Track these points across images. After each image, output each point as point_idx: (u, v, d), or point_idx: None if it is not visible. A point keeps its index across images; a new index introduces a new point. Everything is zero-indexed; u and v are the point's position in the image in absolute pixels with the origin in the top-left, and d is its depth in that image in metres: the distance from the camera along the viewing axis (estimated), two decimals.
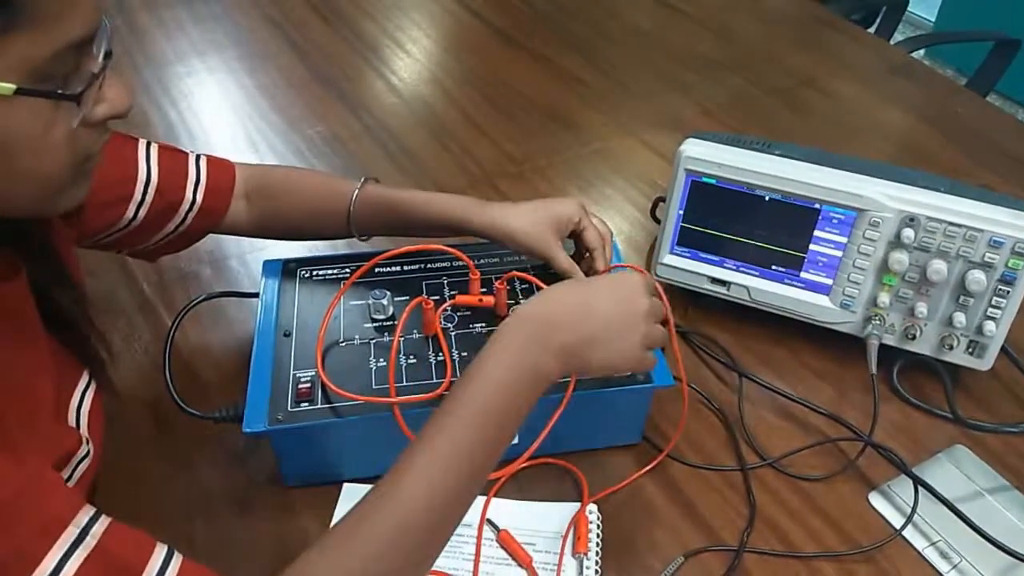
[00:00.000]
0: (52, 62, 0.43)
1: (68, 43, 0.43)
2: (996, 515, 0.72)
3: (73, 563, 0.44)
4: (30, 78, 0.42)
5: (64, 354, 0.61)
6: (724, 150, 0.84)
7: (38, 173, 0.47)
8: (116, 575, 0.46)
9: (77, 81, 0.46)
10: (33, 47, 0.42)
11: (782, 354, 0.88)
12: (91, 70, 0.46)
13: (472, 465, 0.54)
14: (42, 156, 0.46)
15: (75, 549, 0.45)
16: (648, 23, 1.55)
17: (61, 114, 0.46)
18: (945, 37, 2.08)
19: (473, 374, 0.56)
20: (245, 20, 1.50)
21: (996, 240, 0.75)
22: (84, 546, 0.45)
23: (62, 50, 0.43)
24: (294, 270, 0.82)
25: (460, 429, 0.54)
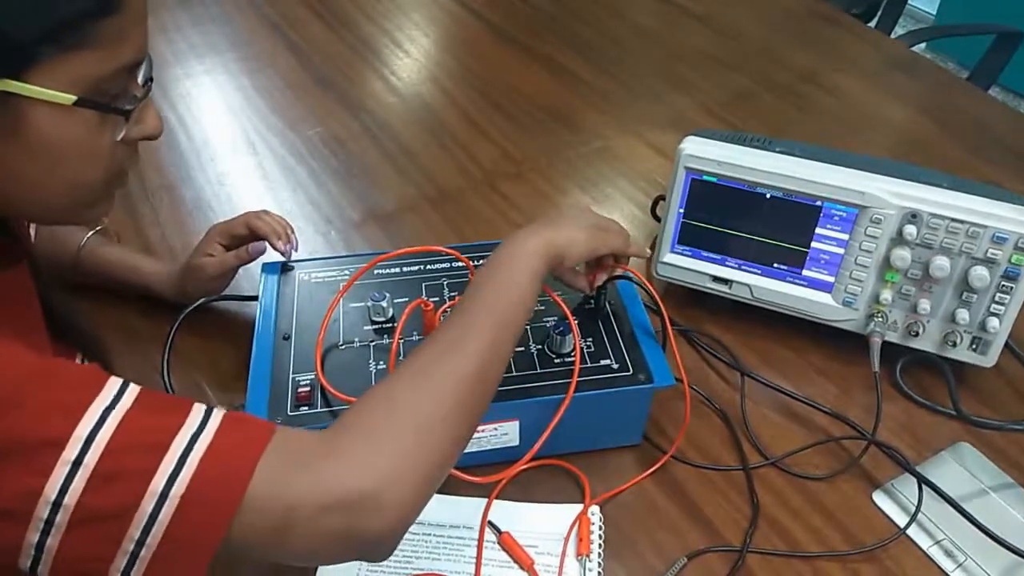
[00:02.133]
0: (108, 81, 0.49)
1: (122, 65, 0.49)
2: (1001, 513, 0.72)
3: (119, 409, 0.45)
4: (88, 93, 0.48)
5: (61, 351, 0.62)
6: (724, 148, 0.84)
7: (78, 181, 0.52)
8: (168, 408, 0.47)
9: (124, 101, 0.52)
10: (94, 66, 0.48)
11: (784, 352, 0.87)
12: (135, 93, 0.52)
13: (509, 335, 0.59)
14: (85, 165, 0.51)
15: (119, 398, 0.45)
16: (649, 21, 1.55)
17: (106, 128, 0.51)
18: (946, 30, 2.07)
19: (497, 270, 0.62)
20: (244, 22, 1.50)
21: (999, 236, 0.75)
22: (130, 391, 0.46)
23: (117, 71, 0.49)
24: (293, 272, 0.82)
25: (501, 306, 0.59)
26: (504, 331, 0.58)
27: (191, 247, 0.87)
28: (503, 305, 0.59)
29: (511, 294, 0.60)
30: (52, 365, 0.46)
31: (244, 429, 0.48)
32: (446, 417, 0.52)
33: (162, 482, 0.43)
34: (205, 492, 0.44)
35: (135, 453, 0.44)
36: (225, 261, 0.84)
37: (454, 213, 1.07)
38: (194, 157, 1.15)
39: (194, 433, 0.45)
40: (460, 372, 0.54)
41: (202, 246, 0.85)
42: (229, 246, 0.85)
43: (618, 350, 0.74)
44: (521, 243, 0.64)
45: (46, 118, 0.47)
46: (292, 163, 1.15)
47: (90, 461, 0.43)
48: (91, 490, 0.42)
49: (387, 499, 0.47)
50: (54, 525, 0.42)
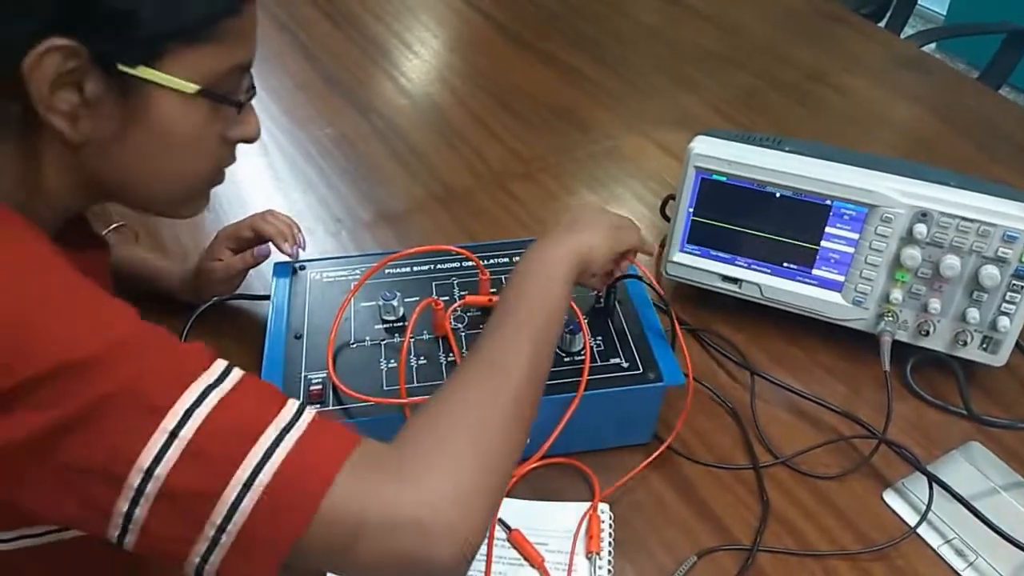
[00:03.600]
0: (223, 76, 0.52)
1: (237, 64, 0.53)
2: (1012, 512, 0.72)
3: (221, 390, 0.46)
4: (208, 86, 0.51)
5: None
6: (734, 147, 0.84)
7: (188, 171, 0.56)
8: (265, 397, 0.48)
9: (236, 98, 0.55)
10: (215, 61, 0.51)
11: (794, 352, 0.87)
12: (243, 94, 0.56)
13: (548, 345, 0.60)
14: (197, 156, 0.55)
15: (223, 380, 0.46)
16: (657, 20, 1.55)
17: (217, 122, 0.55)
18: (956, 30, 2.07)
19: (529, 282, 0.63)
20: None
21: (1010, 234, 0.75)
22: (233, 375, 0.47)
23: (232, 68, 0.53)
24: (305, 272, 0.82)
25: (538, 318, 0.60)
26: (543, 337, 0.59)
27: (203, 246, 0.87)
28: (539, 318, 0.60)
29: (546, 306, 0.61)
30: (164, 332, 0.47)
31: (331, 433, 0.48)
32: (500, 433, 0.53)
33: (247, 472, 0.44)
34: (287, 488, 0.45)
35: (226, 437, 0.45)
36: (232, 265, 0.85)
37: (463, 213, 1.07)
38: None
39: (285, 427, 0.46)
40: (508, 386, 0.55)
41: (210, 250, 0.86)
42: (237, 249, 0.86)
43: (628, 349, 0.74)
44: (548, 253, 0.64)
45: (170, 105, 0.51)
46: (302, 163, 1.16)
47: (186, 435, 0.43)
48: (182, 465, 0.43)
49: (457, 525, 0.48)
50: (143, 495, 0.43)
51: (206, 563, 0.45)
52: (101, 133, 0.50)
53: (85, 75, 0.47)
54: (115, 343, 0.44)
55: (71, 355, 0.42)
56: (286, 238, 0.83)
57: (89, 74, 0.47)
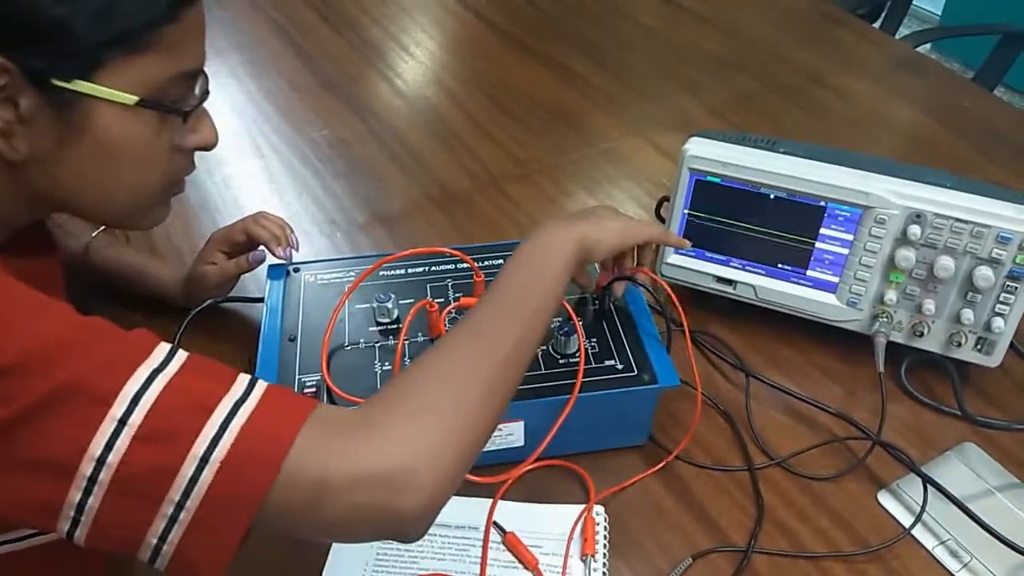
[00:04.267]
0: (167, 85, 0.52)
1: (181, 71, 0.52)
2: (1006, 513, 0.72)
3: (167, 373, 0.45)
4: (149, 95, 0.51)
5: None
6: (728, 148, 0.84)
7: (138, 184, 0.55)
8: (214, 375, 0.47)
9: (183, 106, 0.55)
10: (156, 70, 0.51)
11: (789, 353, 0.87)
12: (192, 102, 0.56)
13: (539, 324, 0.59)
14: (144, 167, 0.54)
15: (168, 363, 0.46)
16: (654, 22, 1.55)
17: (165, 132, 0.54)
18: (951, 31, 2.07)
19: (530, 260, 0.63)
20: (250, 26, 1.50)
21: (1004, 236, 0.75)
22: (178, 356, 0.47)
23: (176, 76, 0.52)
24: (299, 274, 0.82)
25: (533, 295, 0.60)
26: (535, 318, 0.59)
27: (197, 249, 0.87)
28: (535, 292, 0.60)
29: (544, 282, 0.61)
30: (104, 324, 0.47)
31: (286, 400, 0.48)
32: (480, 398, 0.52)
33: (204, 446, 0.44)
34: (245, 458, 0.44)
35: (179, 415, 0.44)
36: (226, 270, 0.84)
37: (459, 215, 1.07)
38: (200, 160, 1.14)
39: (238, 400, 0.46)
40: (494, 355, 0.55)
41: (203, 254, 0.86)
42: (230, 253, 0.85)
43: (623, 351, 0.74)
44: (554, 233, 0.64)
45: (111, 117, 0.50)
46: (298, 165, 1.15)
47: (135, 420, 0.43)
48: (135, 449, 0.43)
49: (422, 475, 0.47)
50: (96, 483, 0.43)
51: (164, 543, 0.44)
52: (41, 149, 0.50)
53: (18, 91, 0.47)
54: (53, 342, 0.44)
55: (6, 359, 0.42)
56: (279, 241, 0.83)
57: (23, 90, 0.47)
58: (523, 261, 0.62)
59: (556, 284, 0.62)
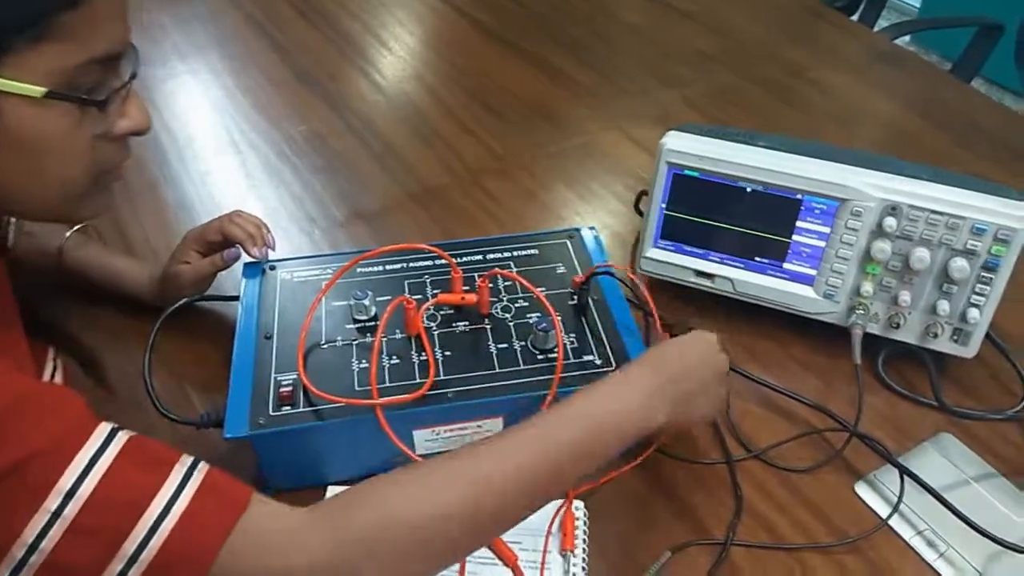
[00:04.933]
0: (78, 73, 0.49)
1: (92, 58, 0.50)
2: (983, 503, 0.72)
3: (105, 459, 0.45)
4: (59, 85, 0.48)
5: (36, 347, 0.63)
6: (706, 142, 0.84)
7: (61, 176, 0.53)
8: (151, 464, 0.47)
9: (101, 93, 0.52)
10: (61, 58, 0.48)
11: (768, 346, 0.87)
12: (114, 86, 0.53)
13: (544, 485, 0.56)
14: (66, 160, 0.52)
15: (107, 446, 0.46)
16: (635, 17, 1.54)
17: (86, 122, 0.52)
18: (927, 23, 2.08)
19: (594, 397, 0.60)
20: (227, 21, 1.49)
21: (978, 227, 0.75)
22: (117, 440, 0.47)
23: (86, 64, 0.49)
24: (275, 272, 0.82)
25: (559, 441, 0.57)
26: (548, 489, 0.57)
27: (174, 248, 0.86)
28: (567, 465, 0.57)
29: (584, 460, 0.58)
30: (44, 394, 0.46)
31: (220, 496, 0.48)
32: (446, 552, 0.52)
33: (133, 546, 0.44)
34: (174, 559, 0.45)
35: (113, 512, 0.44)
36: (201, 269, 0.83)
37: (439, 210, 1.07)
38: (176, 157, 1.15)
39: (172, 495, 0.46)
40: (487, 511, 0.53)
41: (178, 253, 0.84)
42: (205, 252, 0.84)
43: (601, 346, 0.74)
44: (642, 414, 0.60)
45: (22, 112, 0.48)
46: (276, 161, 1.15)
47: (69, 514, 0.43)
48: (66, 542, 0.43)
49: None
50: (27, 565, 0.43)
51: None
52: None
53: None
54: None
55: None
56: (254, 241, 0.82)
57: None
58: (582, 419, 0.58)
59: (600, 461, 0.59)
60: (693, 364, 0.65)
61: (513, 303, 0.78)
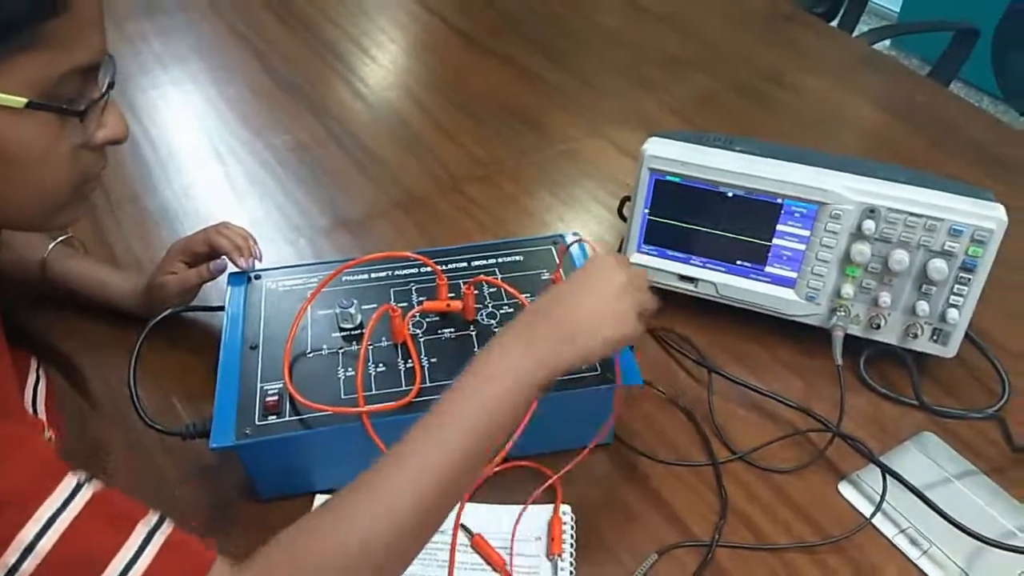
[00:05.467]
0: (59, 83, 0.49)
1: (74, 67, 0.49)
2: (964, 501, 0.73)
3: (68, 514, 0.45)
4: (39, 96, 0.48)
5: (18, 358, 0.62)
6: (687, 148, 0.85)
7: (41, 186, 0.53)
8: (115, 521, 0.47)
9: (81, 103, 0.52)
10: (43, 68, 0.48)
11: (751, 348, 0.88)
12: (93, 95, 0.53)
13: (458, 476, 0.55)
14: (46, 170, 0.52)
15: (71, 500, 0.45)
16: (614, 23, 1.56)
17: (66, 132, 0.52)
18: (905, 28, 2.11)
19: (464, 387, 0.58)
20: (210, 31, 1.49)
21: (956, 228, 0.76)
22: (82, 494, 0.46)
23: (68, 73, 0.49)
24: (260, 281, 0.82)
25: (452, 439, 0.55)
26: (468, 468, 0.56)
27: (157, 259, 0.86)
28: (475, 441, 0.55)
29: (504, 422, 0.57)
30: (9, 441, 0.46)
31: (182, 560, 0.48)
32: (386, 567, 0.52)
33: None
34: None
35: (71, 570, 0.44)
36: (187, 279, 0.83)
37: (423, 217, 1.07)
38: (159, 168, 1.14)
39: (133, 556, 0.46)
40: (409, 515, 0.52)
41: (164, 264, 0.84)
42: (191, 263, 0.84)
43: None
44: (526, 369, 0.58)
45: (2, 122, 0.48)
46: (259, 172, 1.15)
47: (27, 569, 0.43)
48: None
49: None
50: None
51: None
52: None
53: None
54: None
55: None
56: (241, 252, 0.82)
57: None
58: (475, 390, 0.57)
59: (508, 427, 0.57)
60: (581, 294, 0.62)
61: (499, 309, 0.78)
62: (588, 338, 0.60)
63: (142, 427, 0.71)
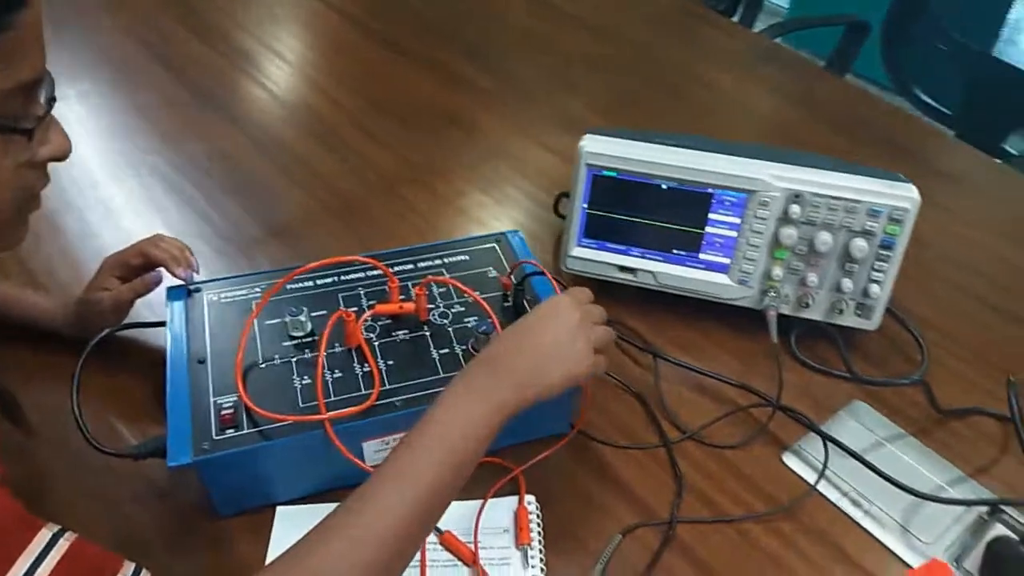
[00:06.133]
0: (5, 100, 0.48)
1: (19, 84, 0.48)
2: (898, 462, 0.79)
3: (45, 567, 0.44)
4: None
5: None
6: (621, 143, 0.87)
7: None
8: (93, 573, 0.46)
9: (25, 121, 0.50)
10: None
11: (691, 333, 0.92)
12: (36, 113, 0.51)
13: (432, 505, 0.56)
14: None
15: (50, 550, 0.44)
16: (530, 23, 1.58)
17: (10, 150, 0.50)
18: (804, 23, 2.22)
19: (437, 417, 0.58)
20: (113, 41, 1.43)
21: (874, 210, 0.82)
22: (58, 548, 0.45)
23: (12, 90, 0.48)
24: (200, 295, 0.80)
25: (425, 470, 0.56)
26: (434, 499, 0.56)
27: (82, 278, 0.83)
28: (440, 471, 0.56)
29: (454, 459, 0.57)
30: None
31: None
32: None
33: None
34: None
35: None
36: (120, 295, 0.80)
37: (357, 222, 1.06)
38: (72, 184, 1.09)
39: None
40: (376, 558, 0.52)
41: (95, 281, 0.81)
42: (125, 278, 0.81)
43: None
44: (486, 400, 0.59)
45: None
46: (180, 182, 1.11)
47: None
48: None
49: None
50: None
51: None
52: None
53: None
54: None
55: None
56: (179, 262, 0.80)
57: None
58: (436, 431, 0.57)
59: (473, 460, 0.57)
60: (536, 336, 0.64)
61: (450, 308, 0.79)
62: (544, 377, 0.62)
63: (87, 452, 0.68)
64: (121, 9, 1.51)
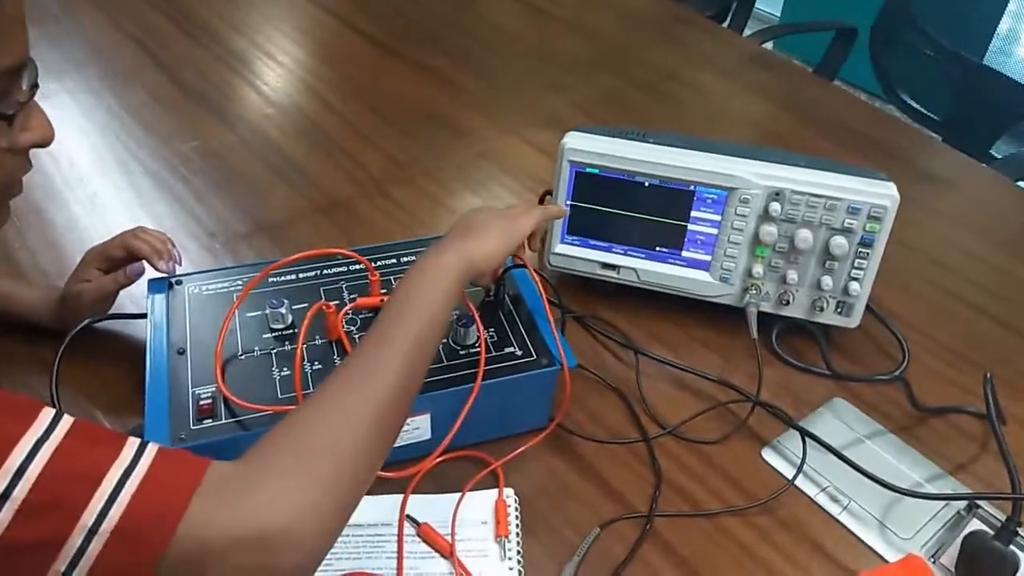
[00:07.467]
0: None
1: (1, 70, 0.49)
2: (876, 458, 0.79)
3: (52, 441, 0.43)
4: None
5: None
6: (604, 141, 0.88)
7: None
8: (102, 441, 0.46)
9: (6, 107, 0.51)
10: None
11: (672, 330, 0.92)
12: (18, 99, 0.52)
13: (423, 356, 0.60)
14: None
15: (53, 429, 0.44)
16: (516, 25, 1.59)
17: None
18: (793, 28, 2.23)
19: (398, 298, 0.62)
20: (104, 38, 1.44)
21: (854, 207, 0.82)
22: (63, 423, 0.45)
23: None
24: (182, 287, 0.80)
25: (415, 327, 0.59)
26: (418, 352, 0.58)
27: (66, 271, 0.83)
28: (417, 327, 0.59)
29: (424, 314, 0.60)
30: None
31: (177, 464, 0.47)
32: (360, 445, 0.52)
33: (92, 517, 0.43)
34: (135, 529, 0.43)
35: (67, 484, 0.43)
36: (103, 286, 0.80)
37: (345, 220, 1.07)
38: (60, 179, 1.10)
39: (127, 467, 0.45)
40: (374, 397, 0.54)
41: (78, 272, 0.81)
42: (107, 269, 0.81)
43: (520, 337, 0.77)
44: (435, 260, 0.64)
45: None
46: (168, 179, 1.11)
47: (19, 494, 0.41)
48: (19, 523, 0.41)
49: (300, 533, 0.47)
50: None
51: None
52: None
53: None
54: None
55: None
56: (161, 255, 0.80)
57: None
58: (403, 293, 0.62)
59: (437, 313, 0.61)
60: (474, 219, 0.71)
61: None
62: (485, 243, 0.68)
63: None
64: (111, 5, 1.51)
